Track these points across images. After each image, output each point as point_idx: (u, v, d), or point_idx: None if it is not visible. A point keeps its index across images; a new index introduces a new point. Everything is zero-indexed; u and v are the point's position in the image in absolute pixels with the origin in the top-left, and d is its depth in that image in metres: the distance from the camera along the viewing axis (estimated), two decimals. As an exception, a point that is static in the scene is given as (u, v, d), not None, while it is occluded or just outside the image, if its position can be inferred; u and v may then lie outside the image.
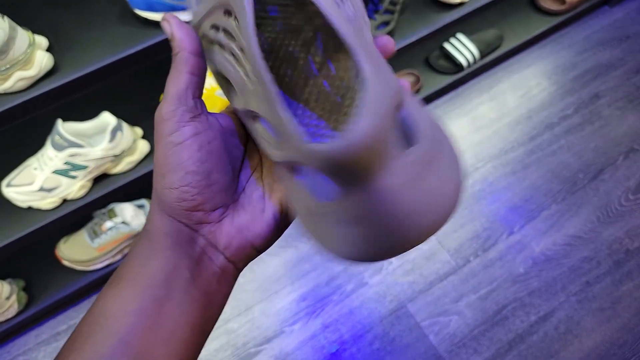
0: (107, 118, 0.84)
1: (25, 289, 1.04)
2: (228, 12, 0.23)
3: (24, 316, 1.02)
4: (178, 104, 0.26)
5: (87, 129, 0.84)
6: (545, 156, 1.28)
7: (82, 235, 1.04)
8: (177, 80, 0.26)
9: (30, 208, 0.85)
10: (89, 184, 0.87)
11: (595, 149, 1.30)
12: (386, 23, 0.98)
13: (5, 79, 0.64)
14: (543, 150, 1.29)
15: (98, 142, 0.85)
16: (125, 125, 0.86)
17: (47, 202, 0.83)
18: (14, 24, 0.63)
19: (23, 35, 0.64)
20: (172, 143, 0.26)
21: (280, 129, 0.20)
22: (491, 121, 1.34)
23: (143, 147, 0.90)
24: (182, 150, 0.26)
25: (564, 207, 1.22)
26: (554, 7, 1.38)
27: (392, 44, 0.27)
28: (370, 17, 0.96)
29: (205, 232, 0.27)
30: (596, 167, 1.27)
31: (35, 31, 0.69)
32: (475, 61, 1.29)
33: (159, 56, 0.69)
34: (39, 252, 1.08)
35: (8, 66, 0.63)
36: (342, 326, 1.08)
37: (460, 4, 1.05)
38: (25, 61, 0.65)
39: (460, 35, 1.27)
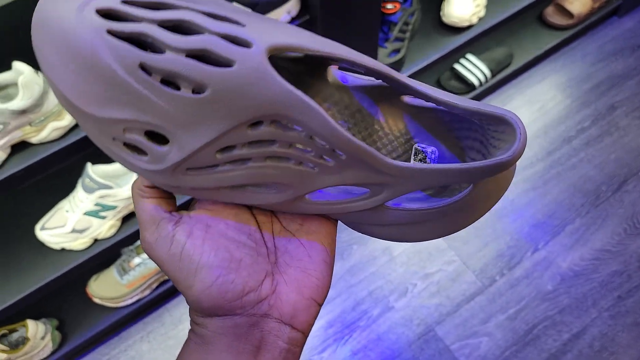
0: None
1: (58, 328, 1.07)
2: (260, 123, 0.22)
3: (58, 355, 1.04)
4: (154, 225, 0.25)
5: (115, 170, 0.87)
6: (566, 170, 1.28)
7: (112, 273, 1.07)
8: (143, 207, 0.25)
9: (63, 249, 0.88)
10: (118, 223, 0.89)
11: (616, 160, 1.29)
12: (397, 50, 1.00)
13: (41, 130, 0.68)
14: (562, 164, 1.29)
15: (126, 182, 0.88)
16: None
17: (79, 243, 0.86)
18: (45, 77, 0.67)
19: (54, 88, 0.68)
20: (175, 255, 0.24)
21: (390, 172, 0.23)
22: (508, 138, 1.34)
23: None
24: (189, 255, 0.24)
25: (588, 220, 1.21)
26: (562, 21, 1.39)
27: None
28: (380, 45, 0.99)
29: (265, 310, 0.25)
30: (619, 178, 1.26)
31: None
32: (486, 80, 1.30)
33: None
34: (71, 290, 1.11)
35: (43, 118, 0.67)
36: (371, 352, 1.07)
37: (469, 27, 1.07)
38: (58, 112, 0.69)
39: (470, 56, 1.29)
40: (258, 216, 0.28)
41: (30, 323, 0.99)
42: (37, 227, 0.86)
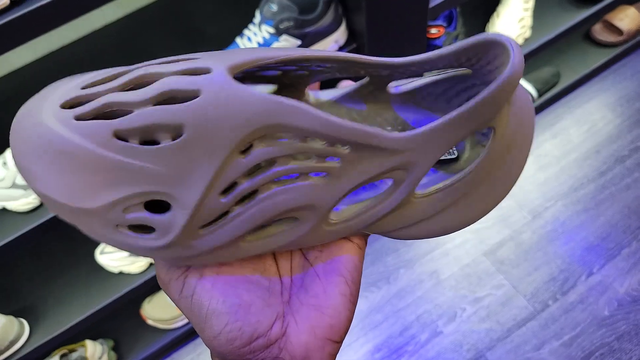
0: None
1: (114, 348, 1.11)
2: (250, 147, 0.20)
3: (114, 375, 1.08)
4: (167, 266, 0.25)
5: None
6: (619, 191, 1.24)
7: (164, 296, 1.10)
8: None
9: (121, 272, 0.92)
10: (173, 248, 0.93)
11: (673, 179, 1.24)
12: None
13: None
14: (616, 185, 1.25)
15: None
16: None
17: (136, 266, 0.90)
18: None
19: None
20: (187, 299, 0.24)
21: (402, 146, 0.22)
22: (557, 159, 1.31)
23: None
24: (199, 299, 0.23)
25: (646, 243, 1.16)
26: (611, 38, 1.36)
27: None
28: (425, 70, 1.00)
29: (275, 354, 0.24)
30: (677, 198, 1.21)
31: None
32: (533, 100, 1.28)
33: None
34: (126, 312, 1.15)
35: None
36: (420, 378, 1.06)
37: (514, 49, 1.06)
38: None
39: (515, 77, 1.28)
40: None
41: (89, 343, 1.03)
42: (97, 251, 0.91)
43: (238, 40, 0.74)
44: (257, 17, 0.73)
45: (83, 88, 0.21)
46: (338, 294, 0.24)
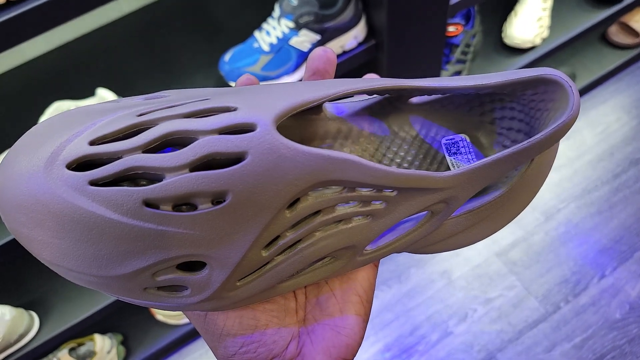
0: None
1: (123, 343, 1.10)
2: (297, 200, 0.19)
3: (122, 369, 1.07)
4: None
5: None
6: (633, 194, 1.22)
7: (174, 290, 1.09)
8: None
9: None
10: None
11: (687, 183, 1.23)
12: (458, 73, 1.00)
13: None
14: (630, 187, 1.23)
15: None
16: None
17: (148, 261, 0.89)
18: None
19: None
20: (200, 317, 0.23)
21: (447, 185, 0.22)
22: (570, 160, 1.30)
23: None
24: (213, 318, 0.23)
25: (659, 247, 1.15)
26: (628, 40, 1.34)
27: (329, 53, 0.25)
28: (442, 68, 0.99)
29: None
30: (691, 202, 1.20)
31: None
32: (548, 100, 1.27)
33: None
34: (135, 307, 1.15)
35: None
36: (430, 378, 1.05)
37: (532, 48, 1.05)
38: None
39: (530, 76, 1.26)
40: None
41: (97, 337, 1.02)
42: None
43: (256, 34, 0.74)
44: (277, 11, 0.72)
45: (92, 143, 0.18)
46: (354, 314, 0.24)
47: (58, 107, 0.67)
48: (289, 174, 0.18)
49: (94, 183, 0.17)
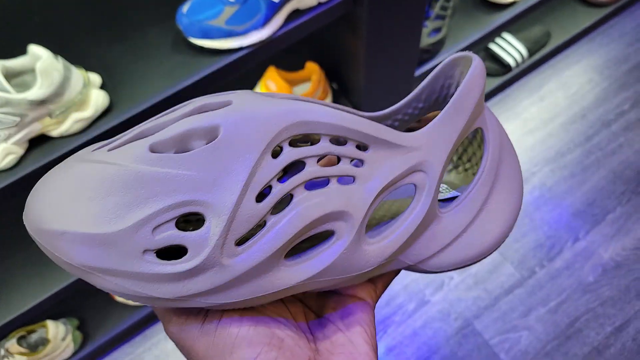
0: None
1: (79, 328, 1.02)
2: (280, 150, 0.21)
3: (80, 355, 0.99)
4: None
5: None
6: (605, 156, 1.22)
7: (133, 269, 1.01)
8: None
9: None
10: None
11: (657, 144, 1.23)
12: (438, 30, 0.93)
13: (61, 122, 0.61)
14: (602, 149, 1.22)
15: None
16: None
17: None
18: (68, 63, 0.60)
19: (77, 75, 0.61)
20: (210, 330, 0.22)
21: (413, 143, 0.23)
22: (544, 122, 1.28)
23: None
24: (226, 327, 0.21)
25: (630, 208, 1.15)
26: (601, -2, 1.31)
27: None
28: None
29: None
30: (661, 163, 1.20)
31: (86, 68, 0.66)
32: (523, 60, 1.23)
33: (218, 83, 0.66)
34: (91, 289, 1.06)
35: (64, 109, 0.60)
36: (407, 348, 1.03)
37: (512, 4, 0.99)
38: (80, 102, 0.62)
39: (506, 35, 1.22)
40: (291, 307, 0.26)
41: (50, 324, 0.93)
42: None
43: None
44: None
45: (110, 149, 0.21)
46: (365, 343, 0.24)
47: (-19, 67, 0.56)
48: (268, 115, 0.20)
49: (111, 149, 0.20)
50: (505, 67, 1.22)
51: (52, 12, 0.70)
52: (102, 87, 0.65)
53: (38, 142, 0.62)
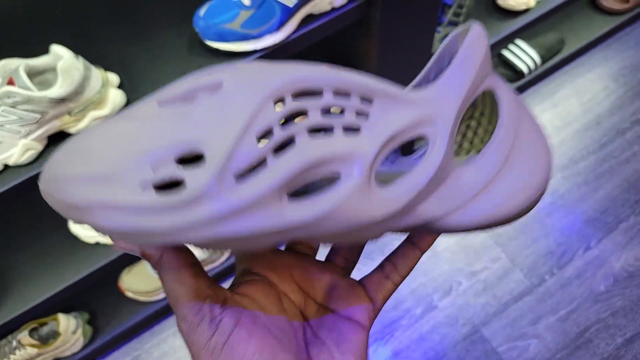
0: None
1: (89, 322, 1.03)
2: (282, 100, 0.21)
3: (89, 349, 1.01)
4: (197, 305, 0.22)
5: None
6: (619, 164, 1.20)
7: (144, 266, 1.03)
8: (181, 280, 0.22)
9: (97, 243, 0.84)
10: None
11: (672, 153, 1.21)
12: (451, 35, 0.93)
13: (80, 120, 0.63)
14: (616, 157, 1.21)
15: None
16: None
17: (116, 238, 0.82)
18: (88, 63, 0.61)
19: (96, 74, 0.63)
20: (217, 346, 0.21)
21: (416, 100, 0.23)
22: (557, 129, 1.27)
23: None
24: (232, 348, 0.21)
25: (643, 218, 1.14)
26: (617, 6, 1.30)
27: None
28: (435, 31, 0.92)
29: None
30: (675, 173, 1.19)
31: (105, 68, 0.68)
32: (536, 67, 1.22)
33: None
34: (102, 283, 1.07)
35: (82, 107, 0.62)
36: (414, 353, 1.03)
37: (525, 11, 0.99)
38: (99, 100, 0.63)
39: (519, 41, 1.21)
40: (291, 308, 0.26)
41: (61, 317, 0.95)
42: (71, 220, 0.82)
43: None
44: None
45: None
46: (363, 330, 0.25)
47: (5, 66, 0.58)
48: (273, 68, 0.21)
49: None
50: (518, 74, 1.22)
51: (73, 12, 0.72)
52: (120, 86, 0.67)
53: (57, 138, 0.64)
